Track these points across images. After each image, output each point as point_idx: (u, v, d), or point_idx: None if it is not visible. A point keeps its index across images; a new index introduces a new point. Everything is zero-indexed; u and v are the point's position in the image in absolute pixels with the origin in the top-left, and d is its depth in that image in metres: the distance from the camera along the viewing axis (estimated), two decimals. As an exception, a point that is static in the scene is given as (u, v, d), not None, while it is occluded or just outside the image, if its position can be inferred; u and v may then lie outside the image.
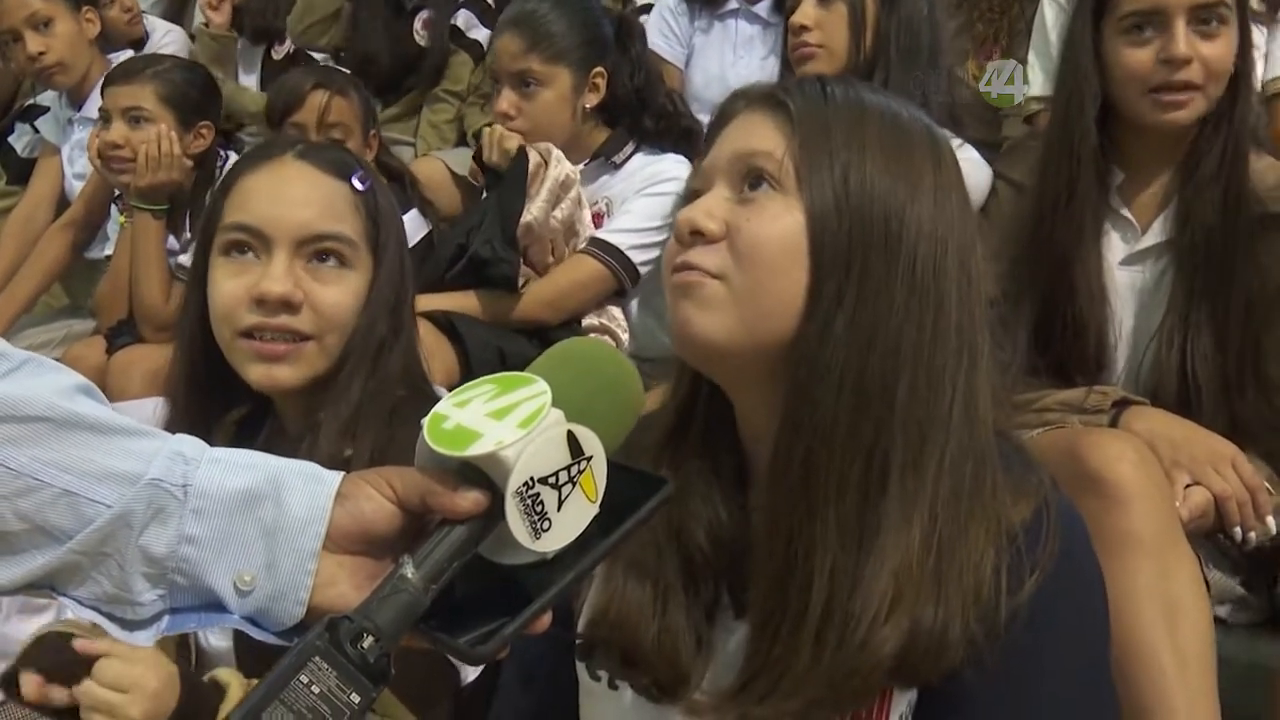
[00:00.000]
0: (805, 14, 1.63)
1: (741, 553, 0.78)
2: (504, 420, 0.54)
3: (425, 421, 0.56)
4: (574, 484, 0.55)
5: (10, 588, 0.56)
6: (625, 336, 1.85)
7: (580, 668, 0.85)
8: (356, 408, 1.00)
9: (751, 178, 0.75)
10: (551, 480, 0.54)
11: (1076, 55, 1.32)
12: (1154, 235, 1.35)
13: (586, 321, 1.83)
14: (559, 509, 0.55)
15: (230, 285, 1.01)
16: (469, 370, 1.69)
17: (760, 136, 0.76)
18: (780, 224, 0.73)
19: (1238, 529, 1.17)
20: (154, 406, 1.10)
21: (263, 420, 1.09)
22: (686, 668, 0.77)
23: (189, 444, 0.59)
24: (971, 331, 0.74)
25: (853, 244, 0.72)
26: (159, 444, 0.58)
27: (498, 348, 1.71)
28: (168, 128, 2.01)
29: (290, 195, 1.03)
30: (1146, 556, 1.06)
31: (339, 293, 1.02)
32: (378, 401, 1.02)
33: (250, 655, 1.02)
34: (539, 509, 0.54)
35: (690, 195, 0.80)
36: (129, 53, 2.58)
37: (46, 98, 2.59)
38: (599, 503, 0.56)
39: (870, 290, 0.72)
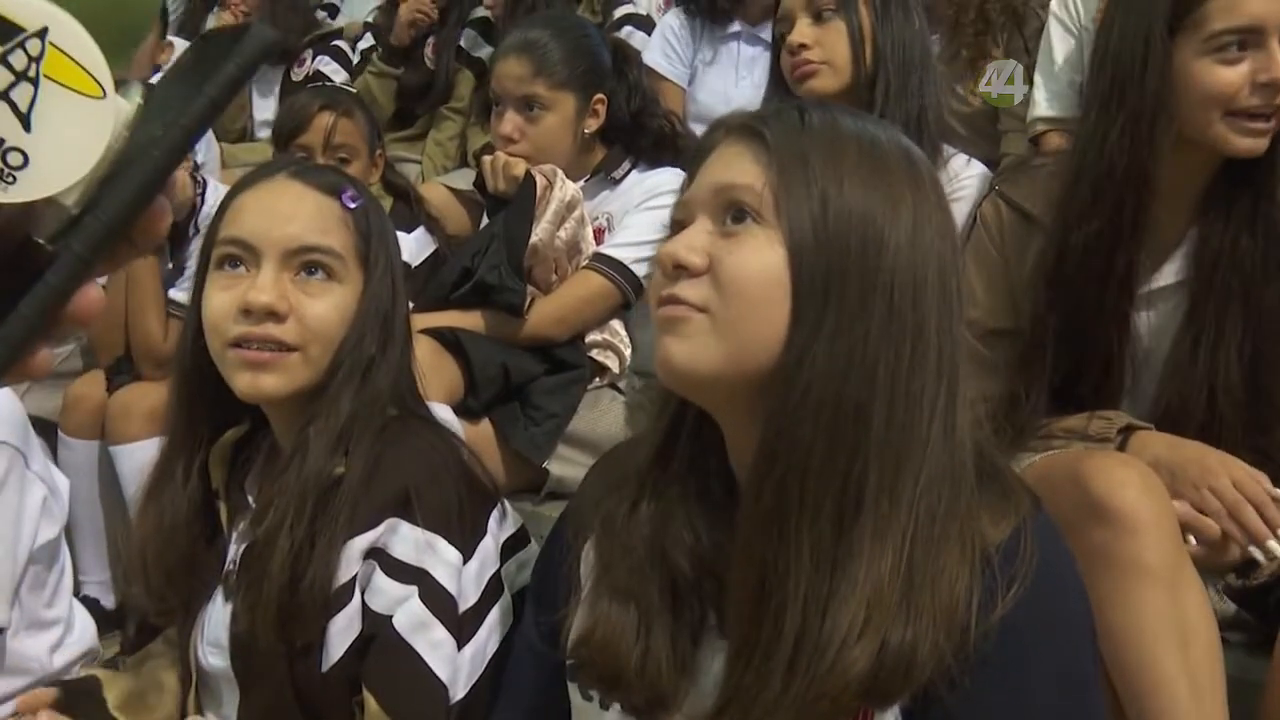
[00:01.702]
0: (802, 33, 1.62)
1: (728, 574, 0.77)
2: None
3: None
4: (31, 81, 0.35)
5: None
6: (628, 351, 1.86)
7: (572, 688, 0.86)
8: (346, 421, 1.01)
9: (732, 210, 0.76)
10: None
11: (1144, 77, 1.19)
12: (1168, 275, 1.28)
13: (590, 338, 1.84)
14: (26, 126, 0.35)
15: (220, 297, 1.03)
16: (472, 386, 1.70)
17: (739, 169, 0.76)
18: (761, 257, 0.74)
19: (1254, 548, 1.12)
20: (156, 446, 1.11)
21: (259, 438, 1.11)
22: (667, 690, 0.77)
23: None
24: (951, 355, 0.74)
25: (830, 273, 0.72)
26: None
27: (502, 364, 1.72)
28: None
29: (279, 209, 1.05)
30: (1157, 585, 1.04)
31: (325, 305, 1.04)
32: (367, 416, 1.02)
33: (247, 670, 1.04)
34: None
35: (675, 227, 0.80)
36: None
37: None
38: (109, 88, 0.36)
39: (846, 318, 0.72)
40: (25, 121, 0.35)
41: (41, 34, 0.35)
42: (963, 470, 0.74)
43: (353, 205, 1.08)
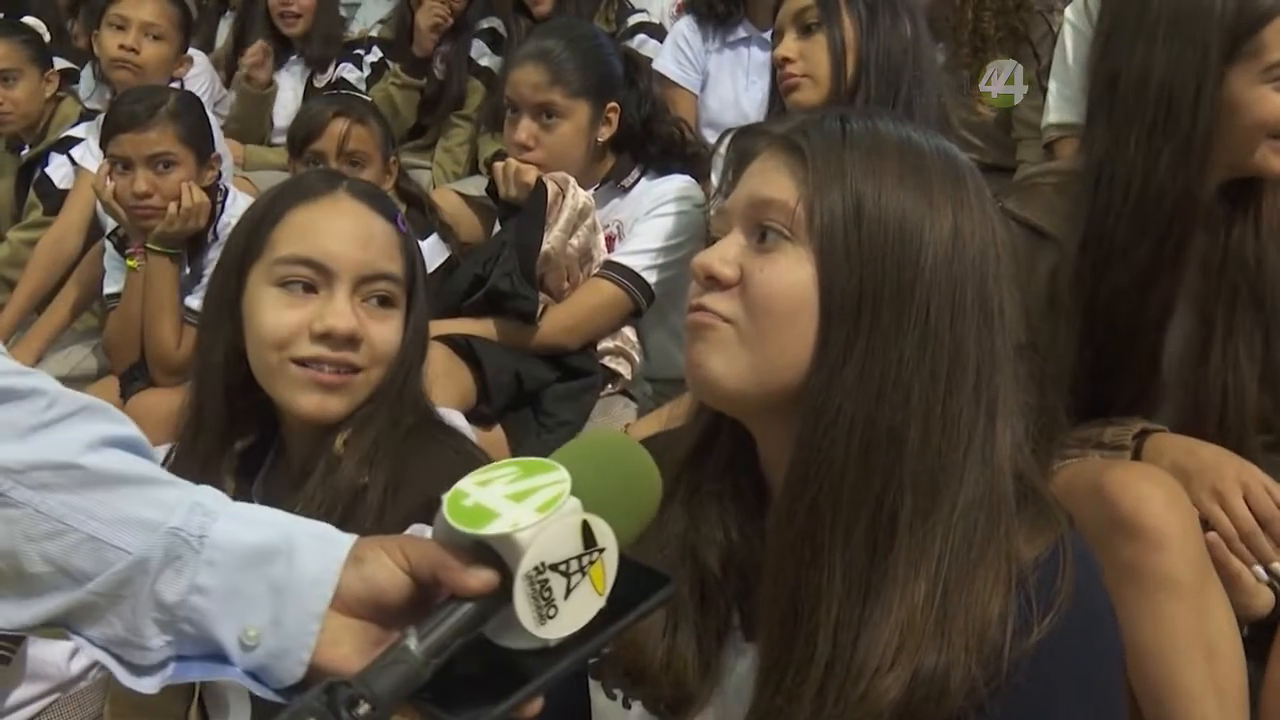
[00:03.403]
0: (788, 47, 1.66)
1: (755, 576, 0.78)
2: (522, 503, 0.55)
3: (445, 497, 0.58)
4: (583, 574, 0.56)
5: (30, 626, 0.58)
6: (639, 359, 1.87)
7: (595, 686, 0.85)
8: (376, 440, 1.03)
9: (764, 225, 0.75)
10: (562, 568, 0.55)
11: (1197, 105, 1.18)
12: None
13: (601, 345, 1.85)
14: (566, 597, 0.55)
15: (287, 314, 1.03)
16: (486, 393, 1.71)
17: (775, 183, 0.75)
18: (791, 275, 0.73)
19: (1257, 567, 1.12)
20: (168, 451, 1.11)
21: (266, 449, 1.11)
22: (693, 689, 0.77)
23: (209, 496, 0.60)
24: (990, 376, 0.72)
25: (863, 294, 0.71)
26: (181, 494, 0.60)
27: (515, 371, 1.73)
28: (190, 171, 2.01)
29: (350, 232, 1.06)
30: (1185, 600, 1.05)
31: (389, 329, 1.06)
32: (394, 434, 1.04)
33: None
34: (547, 595, 0.55)
35: (718, 235, 0.79)
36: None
37: (82, 129, 2.64)
38: (605, 596, 0.57)
39: (879, 340, 0.70)
40: (567, 594, 0.56)
41: (603, 551, 0.56)
42: (1002, 495, 0.72)
43: (404, 229, 1.10)
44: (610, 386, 1.85)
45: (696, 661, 0.78)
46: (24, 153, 2.69)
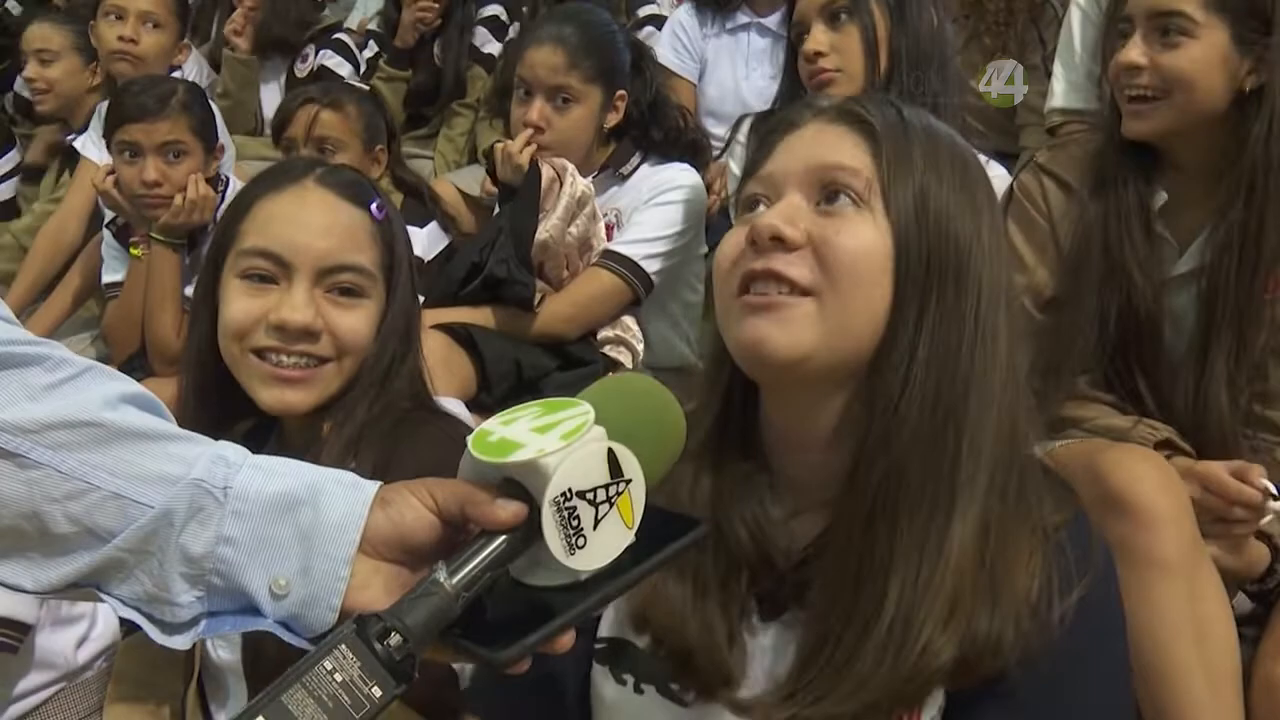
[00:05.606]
0: (817, 40, 1.63)
1: (770, 556, 0.79)
2: (547, 434, 0.56)
3: (470, 437, 0.58)
4: (611, 505, 0.56)
5: (59, 586, 0.58)
6: (640, 347, 1.87)
7: (602, 671, 0.84)
8: (361, 427, 1.03)
9: (830, 190, 0.76)
10: (590, 496, 0.55)
11: (1104, 62, 1.37)
12: (1189, 260, 1.32)
13: (602, 334, 1.85)
14: (595, 528, 0.55)
15: (247, 304, 1.03)
16: (486, 382, 1.71)
17: (843, 150, 0.77)
18: (869, 238, 0.75)
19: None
20: None
21: (268, 433, 1.11)
22: (727, 664, 0.78)
23: (231, 449, 0.60)
24: (1014, 359, 0.77)
25: (930, 268, 0.75)
26: (202, 448, 0.60)
27: (515, 360, 1.73)
28: (198, 161, 2.01)
29: (312, 223, 1.05)
30: (1175, 580, 1.06)
31: (356, 318, 1.05)
32: (382, 420, 1.04)
33: (258, 668, 1.03)
34: (575, 524, 0.55)
35: (749, 202, 0.80)
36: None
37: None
38: (634, 530, 0.57)
39: (946, 310, 0.74)
40: (595, 524, 0.56)
41: (630, 483, 0.56)
42: (1028, 461, 0.77)
43: (379, 216, 1.08)
44: (611, 376, 1.84)
45: (724, 636, 0.78)
46: (71, 139, 2.68)
